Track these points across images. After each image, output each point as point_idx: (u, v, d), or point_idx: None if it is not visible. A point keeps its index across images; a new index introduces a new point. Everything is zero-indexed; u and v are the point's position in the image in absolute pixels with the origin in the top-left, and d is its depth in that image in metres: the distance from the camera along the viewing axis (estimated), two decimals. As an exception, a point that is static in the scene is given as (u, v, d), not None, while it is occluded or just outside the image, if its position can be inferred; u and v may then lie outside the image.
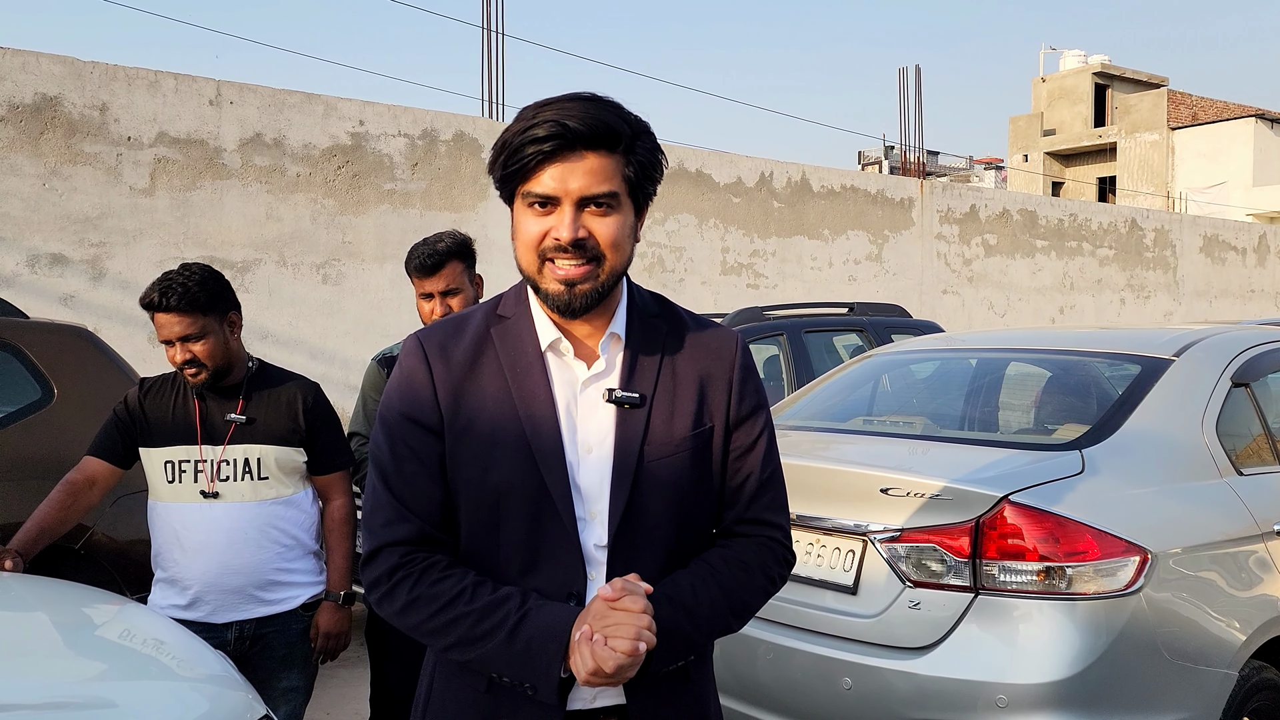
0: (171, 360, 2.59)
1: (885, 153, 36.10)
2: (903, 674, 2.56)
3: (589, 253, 1.39)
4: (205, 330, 2.57)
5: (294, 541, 2.68)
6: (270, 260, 7.47)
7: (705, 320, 1.60)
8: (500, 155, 1.41)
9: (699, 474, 1.49)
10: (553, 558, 1.43)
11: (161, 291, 2.53)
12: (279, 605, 2.65)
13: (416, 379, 1.46)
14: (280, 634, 2.65)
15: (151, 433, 2.63)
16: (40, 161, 6.62)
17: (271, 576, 2.63)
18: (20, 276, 6.52)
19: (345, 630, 2.78)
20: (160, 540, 2.63)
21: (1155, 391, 2.98)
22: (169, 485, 2.60)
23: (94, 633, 2.19)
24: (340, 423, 2.83)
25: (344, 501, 2.81)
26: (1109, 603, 2.48)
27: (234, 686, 1.98)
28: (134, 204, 6.93)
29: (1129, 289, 14.51)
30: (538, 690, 1.37)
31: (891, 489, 2.69)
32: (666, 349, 1.51)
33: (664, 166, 1.48)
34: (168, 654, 2.08)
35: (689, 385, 1.49)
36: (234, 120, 7.35)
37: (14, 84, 6.55)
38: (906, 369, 4.10)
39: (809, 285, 10.99)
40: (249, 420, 2.63)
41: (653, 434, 1.45)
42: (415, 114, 8.22)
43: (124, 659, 2.06)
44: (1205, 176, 32.63)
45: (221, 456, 2.60)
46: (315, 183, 7.69)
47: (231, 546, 2.57)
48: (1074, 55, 39.48)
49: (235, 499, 2.59)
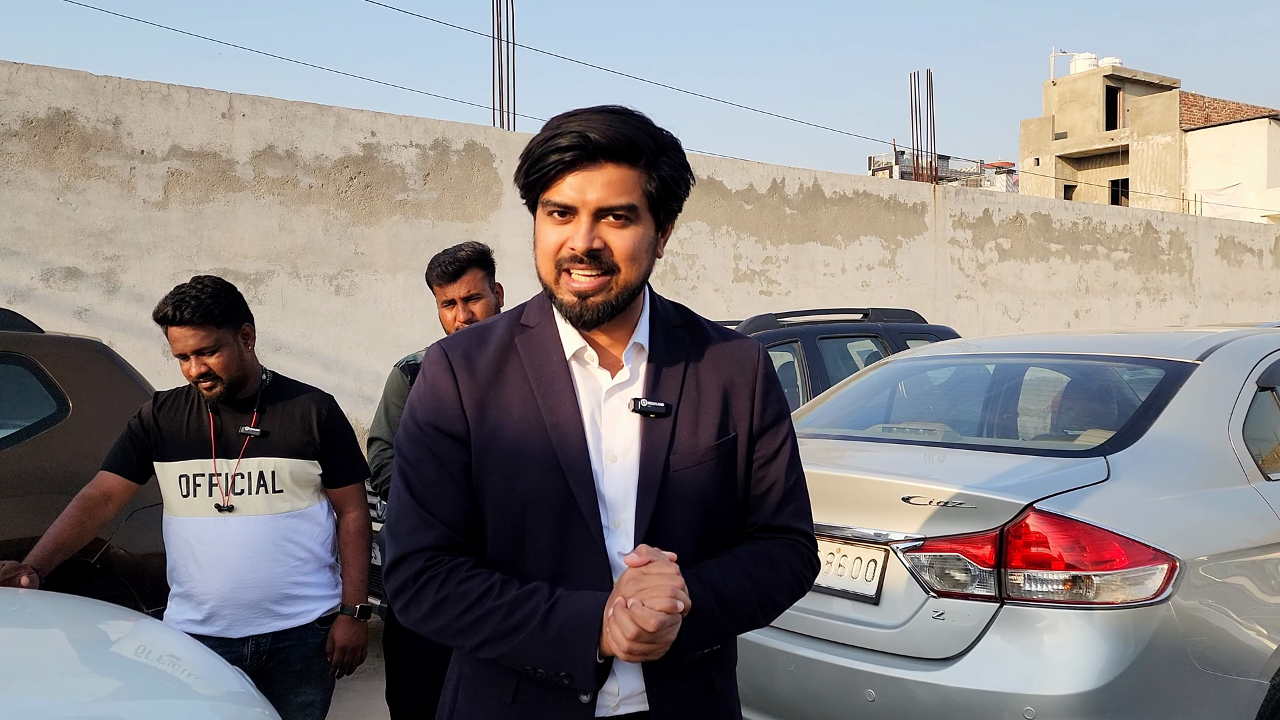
0: (186, 374, 2.58)
1: (896, 158, 36.03)
2: (927, 685, 2.51)
3: (604, 265, 1.39)
4: (219, 343, 2.56)
5: (309, 555, 2.66)
6: (283, 272, 7.48)
7: (727, 330, 1.60)
8: (524, 164, 1.41)
9: (723, 483, 1.49)
10: (579, 566, 1.42)
11: (175, 305, 2.52)
12: (295, 619, 2.63)
13: (441, 387, 1.46)
14: (296, 648, 2.63)
15: (165, 446, 2.62)
16: (54, 175, 6.65)
17: (287, 590, 2.61)
18: (35, 290, 6.54)
19: (361, 644, 2.76)
20: (175, 555, 2.62)
21: (1180, 396, 2.93)
22: (183, 499, 2.59)
23: (110, 649, 2.17)
24: (355, 435, 2.81)
25: (359, 514, 2.79)
26: (1137, 612, 2.44)
27: (251, 703, 1.96)
28: (148, 217, 6.95)
29: (1144, 292, 14.41)
30: (574, 677, 1.35)
31: (913, 497, 2.66)
32: (690, 358, 1.51)
33: (690, 183, 1.48)
34: (184, 670, 2.06)
35: (713, 394, 1.50)
36: (246, 133, 7.37)
37: (28, 99, 6.58)
38: (923, 375, 4.06)
39: (822, 292, 10.94)
40: (263, 433, 2.62)
41: (678, 443, 1.46)
42: (426, 124, 8.23)
43: (140, 676, 2.04)
44: (1219, 178, 32.45)
45: (236, 470, 2.59)
46: (327, 194, 7.70)
47: (247, 560, 2.55)
48: (1085, 58, 39.37)
49: (250, 512, 2.57)
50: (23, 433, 3.92)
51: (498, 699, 1.45)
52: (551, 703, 1.43)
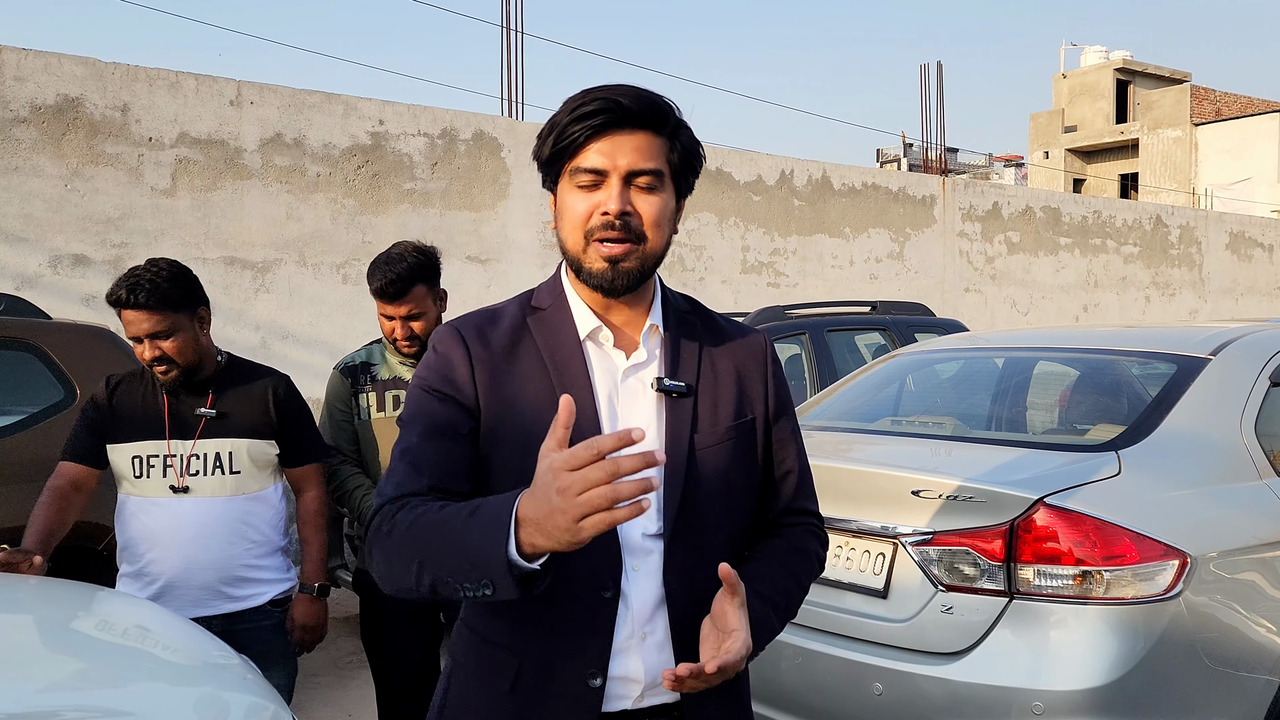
0: (140, 358, 2.55)
1: (904, 150, 35.88)
2: (936, 680, 2.50)
3: (633, 231, 1.40)
4: (175, 327, 2.52)
5: (263, 538, 2.65)
6: (290, 260, 7.47)
7: (731, 320, 1.62)
8: (550, 134, 1.41)
9: (743, 464, 1.50)
10: (590, 547, 1.35)
11: (130, 288, 2.48)
12: (246, 602, 2.61)
13: (453, 356, 1.45)
14: (252, 631, 2.60)
15: (119, 428, 2.59)
16: (62, 162, 6.64)
17: (240, 573, 2.60)
18: (43, 277, 6.54)
19: (322, 622, 2.76)
20: (128, 534, 2.60)
21: (1192, 391, 2.91)
22: (137, 480, 2.57)
23: (114, 636, 2.16)
24: (312, 415, 2.80)
25: (318, 493, 2.79)
26: (1147, 608, 2.42)
27: (263, 695, 1.95)
28: (155, 204, 6.95)
29: (1154, 286, 14.35)
30: (495, 586, 1.20)
31: (923, 490, 2.64)
32: (704, 342, 1.53)
33: (704, 158, 1.50)
34: (211, 660, 2.05)
35: (728, 377, 1.52)
36: (254, 120, 7.35)
37: (36, 85, 6.58)
38: (932, 369, 4.04)
39: (830, 284, 10.91)
40: (220, 415, 2.60)
41: (700, 422, 1.47)
42: (435, 113, 8.21)
43: (150, 664, 2.03)
44: (1229, 173, 32.28)
45: (191, 451, 2.57)
46: (335, 182, 7.69)
47: (199, 541, 2.54)
48: (1095, 51, 39.17)
49: (205, 494, 2.56)
50: (30, 419, 3.93)
51: (494, 688, 1.41)
52: (554, 692, 1.38)
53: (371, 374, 2.92)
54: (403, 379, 2.90)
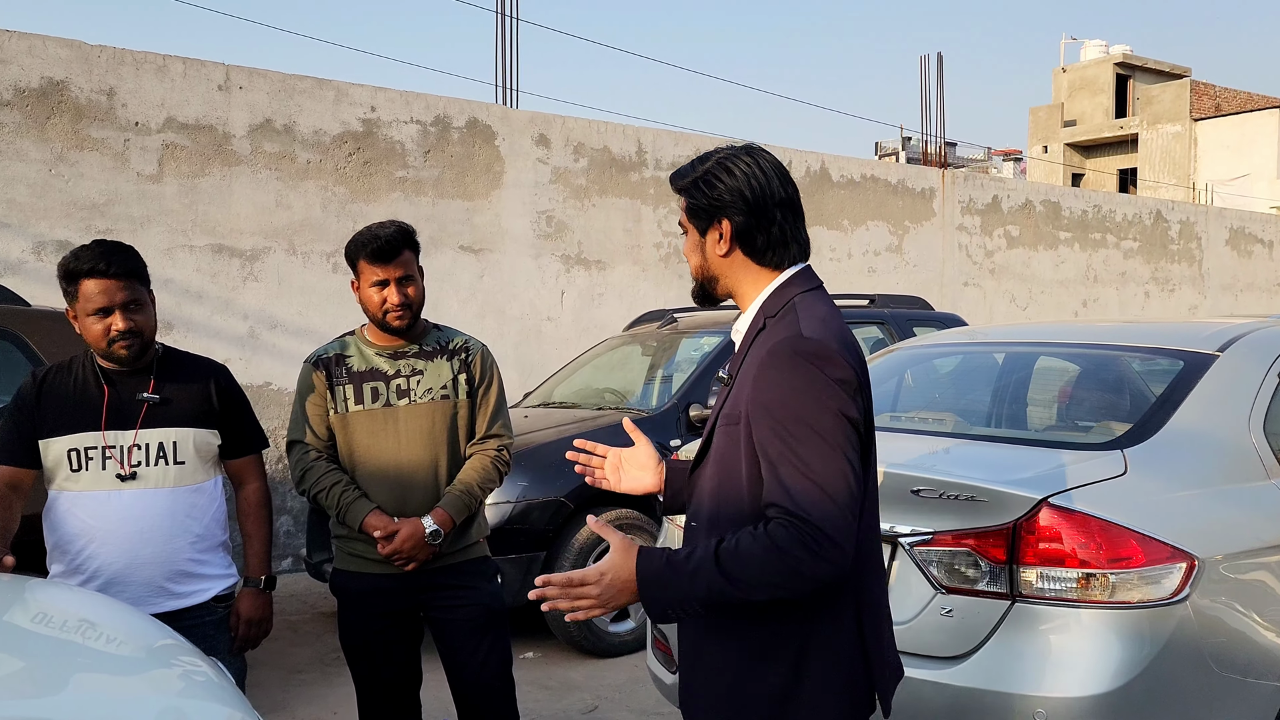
0: (103, 333, 2.45)
1: (903, 143, 35.78)
2: (935, 684, 2.42)
3: None
4: (143, 300, 2.50)
5: (206, 531, 2.58)
6: (280, 248, 7.36)
7: (798, 323, 1.70)
8: None
9: (734, 451, 1.70)
10: None
11: (104, 257, 2.42)
12: (190, 599, 2.54)
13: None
14: (196, 628, 2.50)
15: (51, 422, 2.49)
16: (47, 147, 6.53)
17: (184, 568, 2.52)
18: (26, 263, 6.43)
19: (267, 616, 2.71)
20: (61, 532, 2.49)
21: (1199, 389, 2.83)
22: (74, 474, 2.47)
23: (57, 631, 2.06)
24: (251, 405, 2.75)
25: (260, 485, 2.72)
26: (1154, 612, 2.34)
27: (234, 704, 1.85)
28: (142, 190, 6.83)
29: (1154, 282, 14.28)
30: None
31: (923, 489, 2.56)
32: (756, 340, 1.75)
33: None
34: (174, 661, 1.95)
35: (747, 373, 1.71)
36: (243, 106, 7.24)
37: (20, 68, 6.46)
38: (931, 364, 3.95)
39: (828, 276, 10.80)
40: (163, 400, 2.52)
41: (727, 406, 1.74)
42: (428, 100, 8.09)
43: (101, 664, 1.94)
44: (1229, 168, 32.23)
45: (133, 441, 2.48)
46: (326, 170, 7.58)
47: (142, 535, 2.46)
48: (1095, 45, 39.09)
49: (149, 485, 2.47)
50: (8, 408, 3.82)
51: None
52: None
53: (346, 366, 2.83)
54: (380, 370, 2.81)
